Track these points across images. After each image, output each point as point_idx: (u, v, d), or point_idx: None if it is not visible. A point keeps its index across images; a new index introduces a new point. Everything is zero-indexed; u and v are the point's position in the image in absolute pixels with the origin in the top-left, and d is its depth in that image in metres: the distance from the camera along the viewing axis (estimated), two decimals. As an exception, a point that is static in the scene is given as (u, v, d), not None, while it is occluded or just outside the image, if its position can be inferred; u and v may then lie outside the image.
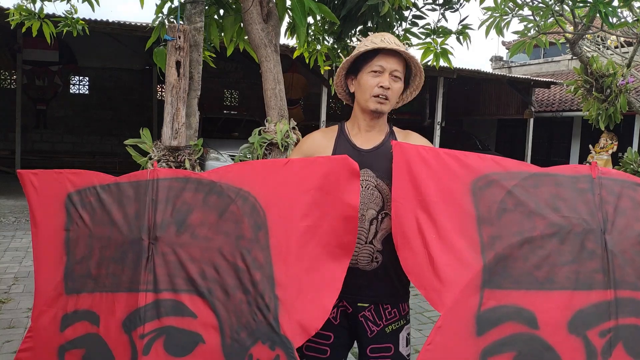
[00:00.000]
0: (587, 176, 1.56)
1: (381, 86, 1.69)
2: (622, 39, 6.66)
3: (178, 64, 2.31)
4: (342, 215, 1.53)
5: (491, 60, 20.46)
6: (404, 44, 3.80)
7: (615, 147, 12.02)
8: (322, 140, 1.81)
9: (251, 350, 1.48)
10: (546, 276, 1.47)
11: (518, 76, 14.93)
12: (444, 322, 1.46)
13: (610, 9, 2.75)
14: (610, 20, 2.75)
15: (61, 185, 1.76)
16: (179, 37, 2.29)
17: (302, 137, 2.66)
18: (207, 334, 1.52)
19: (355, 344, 1.84)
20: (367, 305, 1.74)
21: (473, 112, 16.03)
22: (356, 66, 1.75)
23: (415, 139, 1.84)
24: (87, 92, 15.09)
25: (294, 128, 2.60)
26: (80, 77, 14.88)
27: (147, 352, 1.53)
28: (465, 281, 1.46)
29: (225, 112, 14.24)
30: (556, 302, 1.45)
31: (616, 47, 7.25)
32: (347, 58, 1.76)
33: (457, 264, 1.48)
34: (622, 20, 4.02)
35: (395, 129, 1.85)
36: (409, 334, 1.81)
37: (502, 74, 16.23)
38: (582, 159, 13.32)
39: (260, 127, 2.58)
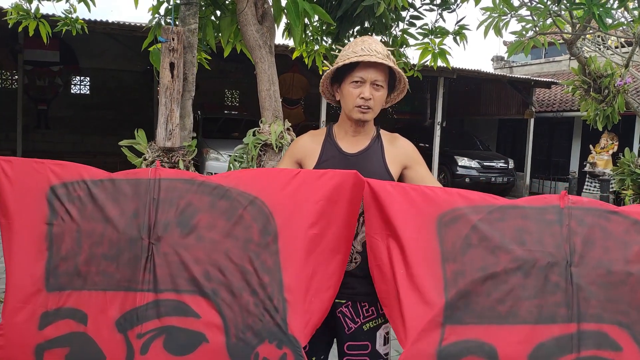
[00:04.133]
0: (556, 207, 1.54)
1: (362, 97, 1.73)
2: (622, 39, 6.64)
3: (172, 65, 2.32)
4: (346, 223, 1.61)
5: (492, 60, 20.42)
6: (400, 46, 3.82)
7: (615, 147, 11.99)
8: (310, 144, 1.86)
9: (257, 349, 1.52)
10: (508, 310, 1.48)
11: (518, 76, 14.91)
12: (406, 357, 1.50)
13: (604, 10, 2.75)
14: (605, 21, 2.75)
15: (42, 176, 1.68)
16: (173, 39, 2.31)
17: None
18: (211, 333, 1.54)
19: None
20: (344, 301, 1.78)
21: (474, 112, 16.01)
22: (339, 75, 1.79)
23: (401, 142, 1.88)
24: (88, 92, 15.12)
25: (288, 129, 2.61)
26: (81, 78, 14.91)
27: (146, 352, 1.54)
28: (428, 319, 1.49)
29: (225, 112, 14.26)
30: (517, 335, 1.46)
31: (617, 47, 7.23)
32: (328, 70, 1.79)
33: (421, 302, 1.51)
34: (618, 21, 4.02)
35: (382, 132, 1.88)
36: (387, 333, 1.84)
37: (502, 74, 16.20)
38: (583, 159, 13.28)
39: (255, 128, 2.59)
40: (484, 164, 12.63)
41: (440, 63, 3.75)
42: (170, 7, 3.13)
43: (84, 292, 1.61)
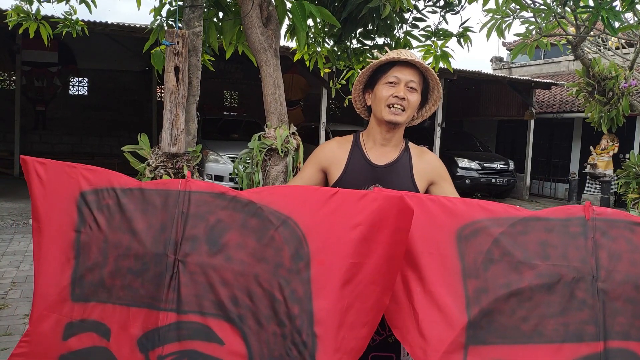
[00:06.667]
0: (580, 218, 1.48)
1: (396, 96, 1.70)
2: (623, 40, 6.61)
3: (177, 69, 2.27)
4: (390, 254, 1.44)
5: (491, 61, 20.41)
6: (403, 48, 3.79)
7: (616, 149, 11.98)
8: (337, 151, 1.83)
9: None
10: (533, 329, 1.41)
11: (518, 77, 14.89)
12: None
13: (614, 14, 2.71)
14: (613, 25, 2.71)
15: (73, 181, 1.62)
16: (178, 42, 2.26)
17: (302, 140, 2.65)
18: None
19: None
20: None
21: (473, 113, 15.99)
22: (373, 80, 1.78)
23: (430, 157, 1.86)
24: (86, 93, 15.08)
25: (293, 133, 2.57)
26: (80, 78, 14.86)
27: None
28: (450, 340, 1.40)
29: (225, 113, 14.21)
30: (543, 355, 1.40)
31: (617, 48, 7.20)
32: (364, 70, 1.77)
33: (442, 321, 1.42)
34: (625, 23, 3.99)
35: (410, 145, 1.85)
36: None
37: (502, 75, 16.18)
38: (583, 161, 13.27)
39: (260, 133, 2.55)
40: (485, 165, 12.60)
41: (441, 65, 3.72)
42: (173, 8, 3.09)
43: (108, 306, 1.54)
